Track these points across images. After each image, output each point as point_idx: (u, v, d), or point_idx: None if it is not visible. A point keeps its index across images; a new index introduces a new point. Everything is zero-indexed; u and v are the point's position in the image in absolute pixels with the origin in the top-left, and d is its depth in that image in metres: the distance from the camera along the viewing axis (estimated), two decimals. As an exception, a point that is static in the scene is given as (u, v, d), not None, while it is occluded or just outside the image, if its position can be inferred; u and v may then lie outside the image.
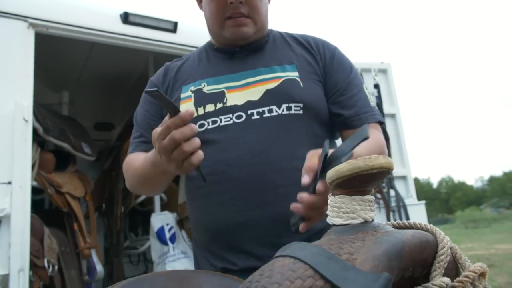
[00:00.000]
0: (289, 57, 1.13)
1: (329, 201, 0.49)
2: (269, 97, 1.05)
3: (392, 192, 3.26)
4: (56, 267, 2.17)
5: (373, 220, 0.47)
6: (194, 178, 1.09)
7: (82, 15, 2.25)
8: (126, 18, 2.38)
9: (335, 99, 1.10)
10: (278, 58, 1.13)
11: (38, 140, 2.43)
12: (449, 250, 0.45)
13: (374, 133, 1.06)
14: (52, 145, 2.85)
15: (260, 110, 1.04)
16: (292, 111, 1.04)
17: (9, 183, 1.82)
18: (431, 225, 0.46)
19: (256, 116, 1.04)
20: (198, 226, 1.12)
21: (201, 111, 1.07)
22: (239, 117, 1.04)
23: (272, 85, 1.06)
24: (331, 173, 0.46)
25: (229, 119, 1.05)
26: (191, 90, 1.11)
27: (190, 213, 1.16)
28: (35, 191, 2.27)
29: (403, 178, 3.49)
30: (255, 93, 1.06)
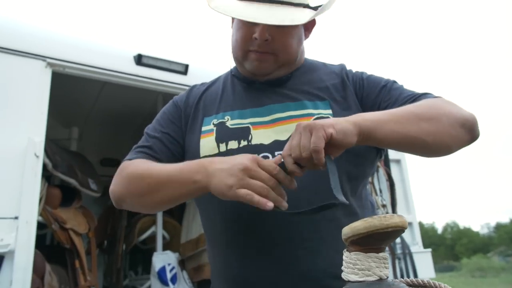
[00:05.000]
0: (320, 87, 1.04)
1: (344, 257, 0.49)
2: None
3: (397, 239, 3.21)
4: (54, 306, 2.13)
5: (387, 278, 0.47)
6: (216, 222, 1.01)
7: (98, 56, 2.34)
8: (139, 59, 2.46)
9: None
10: (307, 88, 1.04)
11: (45, 175, 2.45)
12: (464, 311, 0.45)
13: (429, 100, 0.93)
14: (58, 180, 2.86)
15: None
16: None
17: (16, 218, 1.82)
18: (445, 284, 0.47)
19: None
20: (218, 275, 1.04)
21: (223, 147, 0.98)
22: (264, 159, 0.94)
23: None
24: (346, 230, 0.47)
25: None
26: (213, 123, 1.03)
27: (210, 259, 1.08)
28: (39, 226, 2.25)
29: (409, 224, 3.46)
30: (283, 132, 0.96)
